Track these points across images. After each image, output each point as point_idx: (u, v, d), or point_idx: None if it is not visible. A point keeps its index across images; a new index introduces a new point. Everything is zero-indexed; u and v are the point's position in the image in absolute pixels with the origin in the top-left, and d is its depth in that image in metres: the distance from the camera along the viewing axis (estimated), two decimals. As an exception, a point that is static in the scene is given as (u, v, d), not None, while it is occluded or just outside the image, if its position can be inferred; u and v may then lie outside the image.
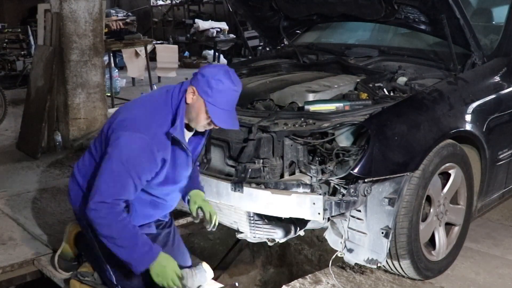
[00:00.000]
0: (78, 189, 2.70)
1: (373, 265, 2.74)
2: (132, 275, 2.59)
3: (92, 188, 2.38)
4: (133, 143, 2.33)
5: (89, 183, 2.59)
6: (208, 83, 2.34)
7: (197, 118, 2.40)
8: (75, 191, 2.72)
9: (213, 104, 2.34)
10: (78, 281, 2.83)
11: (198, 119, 2.40)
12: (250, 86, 3.37)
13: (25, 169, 5.10)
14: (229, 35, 12.30)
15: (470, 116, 3.01)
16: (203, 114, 2.38)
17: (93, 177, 2.49)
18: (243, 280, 4.18)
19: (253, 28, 4.55)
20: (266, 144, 2.76)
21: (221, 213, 2.96)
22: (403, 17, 3.34)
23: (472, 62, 3.20)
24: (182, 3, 14.37)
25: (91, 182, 2.49)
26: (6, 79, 9.64)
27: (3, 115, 6.86)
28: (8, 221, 3.86)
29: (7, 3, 13.58)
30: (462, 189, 3.08)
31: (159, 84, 8.98)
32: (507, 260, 3.24)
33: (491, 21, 3.74)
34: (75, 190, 2.72)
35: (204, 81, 2.35)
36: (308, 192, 2.64)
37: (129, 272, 2.52)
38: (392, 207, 2.64)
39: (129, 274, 2.59)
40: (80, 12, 5.47)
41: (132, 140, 2.33)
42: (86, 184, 2.65)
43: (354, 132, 2.72)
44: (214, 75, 2.35)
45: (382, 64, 3.55)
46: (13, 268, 3.25)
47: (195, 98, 2.37)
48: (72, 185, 2.74)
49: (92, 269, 2.90)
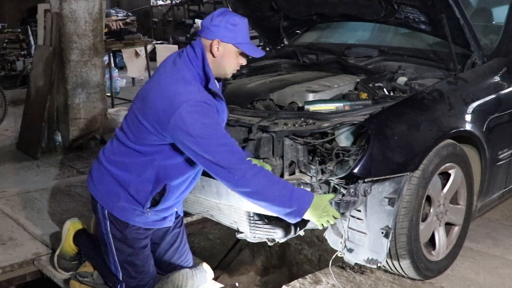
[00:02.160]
0: (103, 169, 2.57)
1: (373, 265, 2.74)
2: (138, 273, 2.63)
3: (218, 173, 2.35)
4: (196, 109, 2.31)
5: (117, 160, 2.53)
6: (228, 28, 2.38)
7: (228, 64, 2.45)
8: (99, 171, 2.59)
9: (243, 42, 2.42)
10: (78, 282, 2.83)
11: (230, 64, 2.46)
12: (250, 86, 3.37)
13: (25, 169, 5.10)
14: (229, 35, 12.29)
15: (470, 116, 3.01)
16: (233, 57, 2.44)
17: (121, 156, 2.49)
18: (243, 280, 4.18)
19: (253, 28, 4.54)
20: (266, 144, 2.76)
21: (221, 213, 2.97)
22: (403, 17, 3.34)
23: (472, 62, 3.20)
24: (182, 3, 14.38)
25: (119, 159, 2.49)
26: (6, 79, 9.65)
27: (3, 115, 6.86)
28: (8, 221, 3.86)
29: (7, 3, 13.59)
30: (462, 189, 3.08)
31: (159, 84, 8.96)
32: (507, 260, 3.24)
33: (491, 21, 3.74)
34: (100, 170, 2.58)
35: (222, 29, 2.38)
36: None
37: (135, 270, 2.59)
38: (392, 207, 2.64)
39: (135, 272, 2.63)
40: (80, 12, 5.48)
41: (194, 108, 2.30)
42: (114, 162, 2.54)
43: (354, 132, 2.72)
44: (226, 20, 2.39)
45: (382, 64, 3.55)
46: (13, 268, 3.25)
47: (221, 48, 2.41)
48: (97, 165, 2.61)
49: (91, 268, 2.90)
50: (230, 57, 2.43)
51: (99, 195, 2.58)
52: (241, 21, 2.43)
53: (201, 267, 2.91)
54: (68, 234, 3.04)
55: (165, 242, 2.82)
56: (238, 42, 2.41)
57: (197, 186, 2.91)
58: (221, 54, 2.41)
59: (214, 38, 2.39)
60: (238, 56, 2.45)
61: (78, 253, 3.05)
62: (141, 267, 2.66)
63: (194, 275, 2.83)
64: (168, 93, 2.36)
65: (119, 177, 2.51)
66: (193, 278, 2.82)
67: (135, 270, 2.65)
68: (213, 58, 2.42)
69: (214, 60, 2.43)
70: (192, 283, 2.81)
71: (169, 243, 2.83)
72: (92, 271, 2.87)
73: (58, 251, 3.09)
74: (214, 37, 2.39)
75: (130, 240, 2.60)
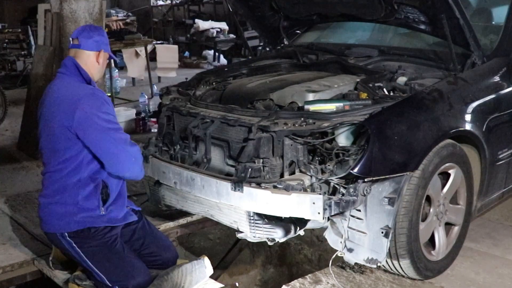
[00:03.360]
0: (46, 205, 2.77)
1: (373, 264, 2.74)
2: (123, 273, 2.68)
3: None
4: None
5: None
6: (106, 39, 2.82)
7: (103, 69, 2.86)
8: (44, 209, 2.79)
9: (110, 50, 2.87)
10: (76, 285, 2.83)
11: (103, 69, 2.87)
12: (250, 86, 3.37)
13: (25, 169, 5.10)
14: (229, 35, 12.29)
15: (470, 116, 3.01)
16: (106, 61, 2.85)
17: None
18: (243, 280, 4.19)
19: (253, 28, 4.55)
20: (266, 143, 2.77)
21: (221, 212, 2.97)
22: (403, 17, 3.35)
23: (471, 62, 3.20)
24: (182, 3, 14.36)
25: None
26: (6, 79, 9.65)
27: (3, 115, 6.86)
28: (8, 221, 3.86)
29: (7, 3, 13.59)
30: (462, 189, 3.08)
31: (159, 84, 8.97)
32: (507, 260, 3.24)
33: (491, 21, 3.74)
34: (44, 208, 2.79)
35: (101, 41, 2.78)
36: (308, 191, 2.65)
37: (120, 271, 2.67)
38: (392, 207, 2.65)
39: (120, 272, 2.68)
40: (80, 12, 5.47)
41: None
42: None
43: (354, 131, 2.72)
44: (98, 32, 2.80)
45: (382, 64, 3.55)
46: (13, 268, 3.25)
47: (102, 56, 2.79)
48: (41, 207, 2.82)
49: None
50: (105, 62, 2.86)
51: (55, 226, 2.71)
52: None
53: (202, 261, 2.91)
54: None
55: (138, 237, 2.90)
56: (108, 50, 2.84)
57: (197, 186, 2.92)
58: (102, 61, 2.81)
59: (96, 49, 2.76)
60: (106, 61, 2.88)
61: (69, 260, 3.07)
62: (124, 266, 2.70)
63: (193, 271, 2.83)
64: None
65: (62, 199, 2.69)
66: (191, 274, 2.83)
67: (120, 271, 2.69)
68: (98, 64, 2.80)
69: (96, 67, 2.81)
70: (191, 279, 2.81)
71: (142, 235, 2.92)
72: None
73: (50, 256, 3.10)
74: (95, 49, 2.76)
75: (99, 245, 2.69)
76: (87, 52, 2.74)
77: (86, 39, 2.74)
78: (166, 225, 3.73)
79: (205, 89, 3.59)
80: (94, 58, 2.76)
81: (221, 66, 8.38)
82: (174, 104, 3.39)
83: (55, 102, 2.66)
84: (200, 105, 3.25)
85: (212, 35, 11.97)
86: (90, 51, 2.74)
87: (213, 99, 3.40)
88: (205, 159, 3.06)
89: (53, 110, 2.66)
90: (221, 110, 3.11)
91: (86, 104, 2.56)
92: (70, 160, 2.64)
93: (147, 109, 6.83)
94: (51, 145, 2.68)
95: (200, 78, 3.77)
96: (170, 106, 3.39)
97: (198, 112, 3.16)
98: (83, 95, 2.59)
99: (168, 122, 3.40)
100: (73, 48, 2.76)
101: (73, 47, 2.77)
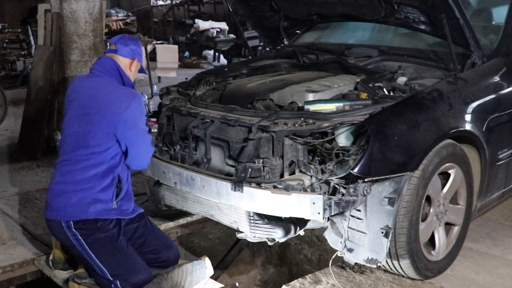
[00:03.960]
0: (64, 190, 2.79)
1: (373, 264, 2.74)
2: (125, 269, 2.73)
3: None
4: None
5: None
6: (141, 51, 3.00)
7: (134, 77, 2.98)
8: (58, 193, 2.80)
9: (141, 61, 3.04)
10: (76, 283, 2.83)
11: (134, 77, 2.99)
12: (250, 86, 3.37)
13: (25, 169, 5.10)
14: (229, 35, 12.30)
15: (469, 116, 3.01)
16: (136, 71, 3.00)
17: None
18: (243, 280, 4.19)
19: (253, 28, 4.55)
20: (266, 144, 2.77)
21: (221, 212, 2.97)
22: (403, 17, 3.35)
23: (471, 62, 3.20)
24: (182, 3, 14.38)
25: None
26: (6, 79, 9.66)
27: (3, 115, 6.86)
28: (8, 221, 3.86)
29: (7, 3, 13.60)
30: (462, 189, 3.08)
31: (159, 84, 8.98)
32: (506, 260, 3.24)
33: (491, 21, 3.74)
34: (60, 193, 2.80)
35: (137, 51, 2.94)
36: (308, 191, 2.65)
37: (122, 266, 2.73)
38: (392, 207, 2.65)
39: (122, 267, 2.73)
40: (80, 12, 5.47)
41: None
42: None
43: (354, 131, 2.72)
44: (135, 43, 2.94)
45: (382, 64, 3.55)
46: (13, 268, 3.25)
47: (135, 65, 2.94)
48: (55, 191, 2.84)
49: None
50: (137, 70, 3.00)
51: (66, 214, 2.73)
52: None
53: (203, 261, 2.92)
54: (56, 242, 3.07)
55: (140, 234, 2.95)
56: (141, 60, 3.02)
57: (197, 186, 2.92)
58: (135, 69, 2.97)
59: (131, 57, 2.91)
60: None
61: (70, 258, 3.07)
62: (127, 262, 2.75)
63: (193, 271, 2.84)
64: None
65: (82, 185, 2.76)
66: (192, 275, 2.84)
67: (122, 266, 2.74)
68: (130, 71, 2.95)
69: (128, 73, 2.96)
70: (191, 279, 2.82)
71: (144, 233, 2.96)
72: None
73: (51, 256, 3.11)
74: (130, 56, 2.91)
75: (104, 238, 2.72)
76: (122, 58, 2.88)
77: (123, 46, 2.88)
78: (166, 225, 3.73)
79: (205, 89, 3.59)
80: (128, 65, 2.90)
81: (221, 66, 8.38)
82: (174, 104, 3.39)
83: (103, 99, 2.76)
84: (200, 105, 3.25)
85: (212, 35, 11.98)
86: (125, 57, 2.89)
87: (213, 99, 3.40)
88: (205, 159, 3.06)
89: (97, 106, 2.75)
90: (221, 110, 3.11)
91: (135, 108, 2.73)
92: (98, 153, 2.72)
93: (147, 109, 6.83)
94: (85, 137, 2.74)
95: (200, 78, 3.77)
96: (170, 106, 3.39)
97: (198, 112, 3.16)
98: (132, 99, 2.75)
99: (168, 122, 3.41)
100: (110, 52, 2.90)
101: (109, 52, 2.91)
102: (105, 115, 2.70)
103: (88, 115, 2.74)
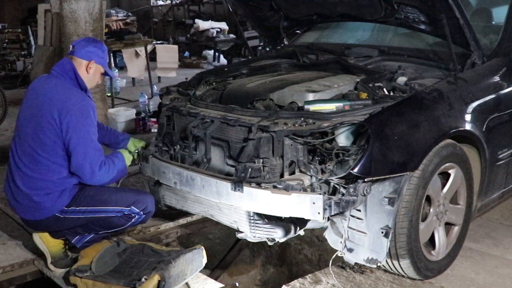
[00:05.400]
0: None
1: (373, 264, 2.74)
2: (135, 195, 3.06)
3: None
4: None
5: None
6: (101, 52, 3.01)
7: (94, 80, 3.03)
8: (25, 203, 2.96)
9: (106, 64, 3.08)
10: (78, 278, 2.83)
11: (95, 80, 3.04)
12: (250, 86, 3.37)
13: (25, 169, 5.09)
14: (229, 35, 12.29)
15: (469, 116, 3.01)
16: (99, 75, 3.06)
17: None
18: (243, 280, 4.19)
19: (253, 28, 4.55)
20: (266, 143, 2.77)
21: (221, 212, 2.97)
22: (403, 17, 3.35)
23: (471, 62, 3.20)
24: (182, 3, 14.37)
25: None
26: (6, 79, 9.66)
27: (3, 115, 6.86)
28: (8, 221, 3.86)
29: (7, 3, 13.60)
30: (462, 189, 3.08)
31: (159, 84, 8.98)
32: (506, 260, 3.24)
33: (491, 21, 3.74)
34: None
35: (95, 52, 2.97)
36: (308, 191, 2.65)
37: (131, 194, 3.05)
38: (392, 207, 2.65)
39: (132, 195, 3.05)
40: (80, 12, 5.48)
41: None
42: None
43: (354, 131, 2.72)
44: (95, 45, 3.00)
45: (382, 64, 3.55)
46: (13, 268, 3.25)
47: (93, 67, 2.97)
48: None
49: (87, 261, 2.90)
50: (98, 75, 3.04)
51: (55, 208, 2.92)
52: (105, 47, 3.10)
53: (200, 251, 2.97)
54: (44, 240, 3.11)
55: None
56: (104, 65, 3.06)
57: (197, 186, 2.92)
58: (93, 72, 3.00)
59: (87, 58, 2.96)
60: (102, 75, 3.14)
61: (66, 244, 3.12)
62: (132, 191, 3.08)
63: (193, 260, 2.93)
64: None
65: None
66: (192, 263, 2.94)
67: (130, 194, 3.04)
68: (87, 74, 2.99)
69: (86, 76, 3.00)
70: (192, 268, 2.92)
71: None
72: (89, 264, 2.87)
73: (49, 260, 3.10)
74: (87, 58, 2.96)
75: (94, 190, 2.95)
76: (79, 59, 2.96)
77: (80, 48, 2.97)
78: (166, 225, 3.73)
79: (205, 89, 3.59)
80: (84, 67, 2.96)
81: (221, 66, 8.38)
82: (174, 104, 3.39)
83: (50, 101, 2.84)
84: (200, 105, 3.25)
85: (212, 35, 11.97)
86: (81, 59, 2.96)
87: (213, 99, 3.41)
88: (205, 159, 3.06)
89: (47, 107, 2.83)
90: (221, 110, 3.11)
91: (79, 112, 2.81)
92: (49, 147, 2.86)
93: (147, 109, 6.83)
94: (36, 138, 2.87)
95: (200, 78, 3.77)
96: (170, 106, 3.39)
97: (198, 112, 3.15)
98: (79, 102, 2.83)
99: (168, 122, 3.41)
100: (69, 54, 3.00)
101: (69, 54, 3.00)
102: (52, 116, 2.79)
103: (36, 116, 2.85)
